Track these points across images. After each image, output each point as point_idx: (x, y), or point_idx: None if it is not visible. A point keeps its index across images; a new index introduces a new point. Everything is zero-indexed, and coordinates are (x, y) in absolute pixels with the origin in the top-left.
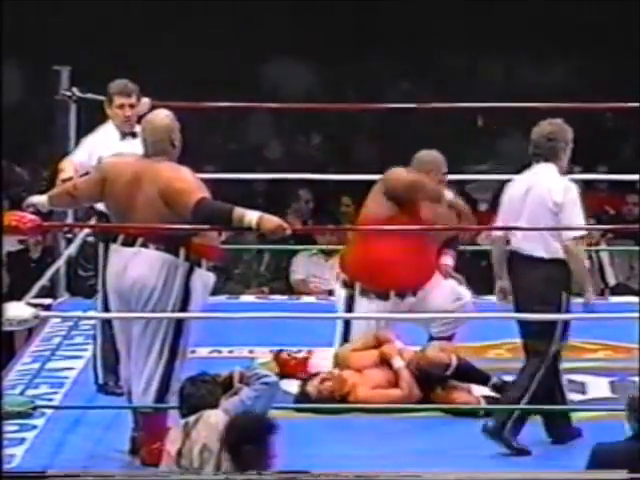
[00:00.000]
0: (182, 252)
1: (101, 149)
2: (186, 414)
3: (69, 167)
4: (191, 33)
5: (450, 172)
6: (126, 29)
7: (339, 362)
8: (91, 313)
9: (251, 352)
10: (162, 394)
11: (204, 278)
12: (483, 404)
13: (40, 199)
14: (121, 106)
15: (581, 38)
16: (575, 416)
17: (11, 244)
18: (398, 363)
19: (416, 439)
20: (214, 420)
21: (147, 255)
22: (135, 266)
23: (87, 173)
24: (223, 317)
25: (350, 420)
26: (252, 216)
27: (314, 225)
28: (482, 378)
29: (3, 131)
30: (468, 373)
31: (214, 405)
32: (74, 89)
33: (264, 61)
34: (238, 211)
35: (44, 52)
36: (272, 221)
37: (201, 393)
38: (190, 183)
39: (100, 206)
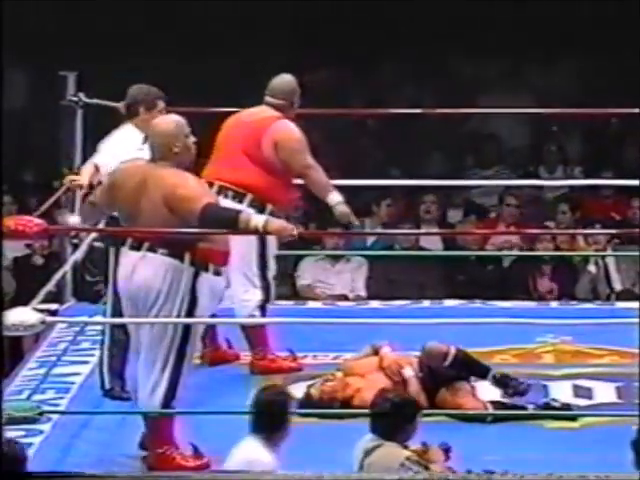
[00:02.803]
0: (187, 257)
1: (125, 152)
2: (374, 433)
3: (85, 172)
4: (195, 37)
5: (455, 177)
6: (132, 32)
7: (344, 369)
8: (97, 318)
9: None
10: (168, 399)
11: (212, 283)
12: (490, 410)
13: (75, 219)
14: (162, 110)
15: (586, 41)
16: (581, 421)
17: (18, 249)
18: (408, 373)
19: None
20: (387, 464)
21: (153, 259)
22: (141, 270)
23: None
24: (230, 322)
25: (356, 425)
26: (258, 220)
27: (317, 229)
28: (482, 370)
29: (10, 137)
30: (467, 364)
31: (397, 435)
32: (80, 94)
33: (268, 65)
34: (244, 215)
35: (50, 57)
36: (278, 223)
37: (392, 415)
38: (194, 189)
39: None
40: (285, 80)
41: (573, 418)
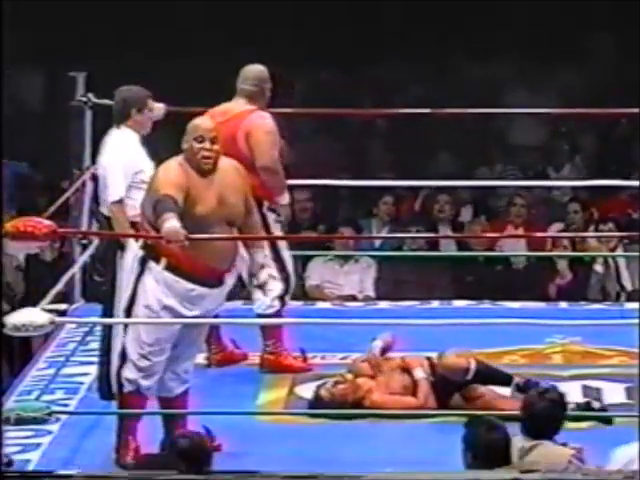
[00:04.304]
0: (141, 240)
1: (134, 162)
2: (527, 433)
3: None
4: (207, 36)
5: (464, 177)
6: (140, 34)
7: (354, 370)
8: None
9: None
10: (119, 389)
11: (168, 281)
12: None
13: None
14: (152, 109)
15: (594, 42)
16: (589, 422)
17: (30, 248)
18: (419, 374)
19: (431, 444)
20: (553, 462)
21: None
22: None
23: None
24: (238, 323)
25: (365, 425)
26: (166, 224)
27: (325, 231)
28: (504, 379)
29: (19, 137)
30: (489, 375)
31: (554, 432)
32: (89, 95)
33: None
34: (163, 216)
35: (60, 58)
36: (170, 228)
37: (546, 414)
38: (169, 178)
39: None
40: (257, 68)
41: (609, 421)
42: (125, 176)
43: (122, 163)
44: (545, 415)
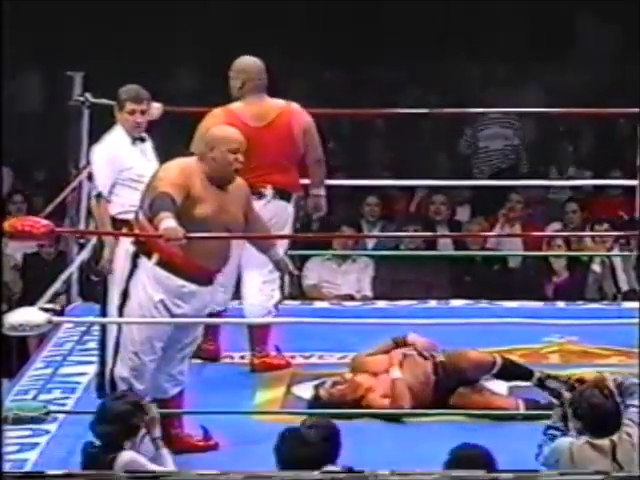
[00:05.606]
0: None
1: (120, 159)
2: (595, 434)
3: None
4: (207, 34)
5: (463, 177)
6: (139, 34)
7: (355, 366)
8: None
9: None
10: (112, 387)
11: (159, 276)
12: (522, 408)
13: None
14: (132, 112)
15: (594, 42)
16: None
17: (28, 247)
18: (395, 374)
19: (430, 443)
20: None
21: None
22: None
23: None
24: (225, 322)
25: (363, 425)
26: (163, 224)
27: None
28: (526, 373)
29: (20, 137)
30: (512, 370)
31: (618, 427)
32: (87, 95)
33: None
34: (161, 215)
35: (57, 58)
36: (170, 227)
37: (614, 411)
38: (169, 177)
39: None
40: (256, 60)
41: None
42: (107, 172)
43: (105, 159)
44: (613, 412)
